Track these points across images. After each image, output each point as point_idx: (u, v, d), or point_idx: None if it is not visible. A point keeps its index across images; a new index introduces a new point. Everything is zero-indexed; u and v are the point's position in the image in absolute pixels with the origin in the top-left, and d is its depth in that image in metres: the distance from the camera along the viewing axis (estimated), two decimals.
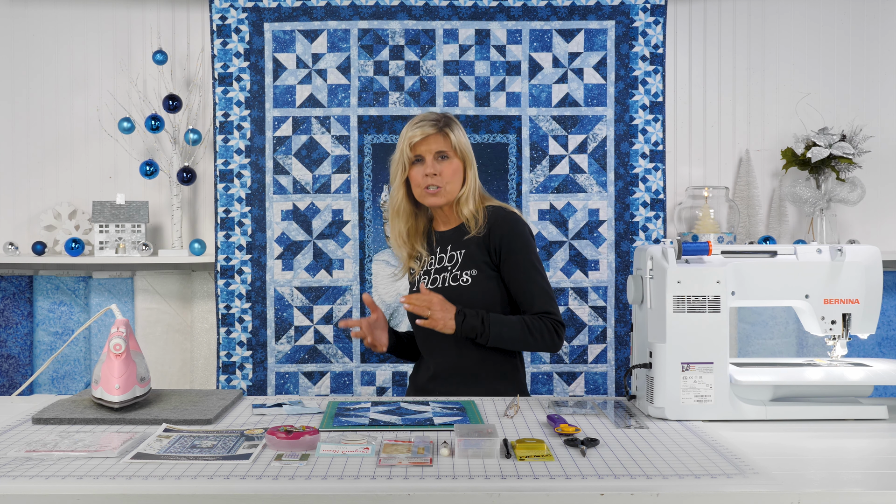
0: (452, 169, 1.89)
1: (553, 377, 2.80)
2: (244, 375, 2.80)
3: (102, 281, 2.94)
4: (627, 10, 2.79)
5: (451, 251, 1.94)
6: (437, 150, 1.88)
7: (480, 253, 1.89)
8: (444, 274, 1.93)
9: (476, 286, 1.87)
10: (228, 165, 2.81)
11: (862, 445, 1.35)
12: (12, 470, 1.16)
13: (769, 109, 3.01)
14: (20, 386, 2.54)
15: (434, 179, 1.88)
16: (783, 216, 2.96)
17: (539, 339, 1.84)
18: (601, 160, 2.80)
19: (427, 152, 1.89)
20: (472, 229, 1.90)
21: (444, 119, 1.92)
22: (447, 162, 1.89)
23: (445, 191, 1.89)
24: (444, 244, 1.96)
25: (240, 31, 2.80)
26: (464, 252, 1.91)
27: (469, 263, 1.89)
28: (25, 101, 2.98)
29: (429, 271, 1.97)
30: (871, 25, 3.00)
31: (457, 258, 1.92)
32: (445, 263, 1.94)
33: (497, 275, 1.90)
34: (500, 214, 1.91)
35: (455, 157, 1.90)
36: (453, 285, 1.89)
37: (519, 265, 1.88)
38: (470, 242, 1.91)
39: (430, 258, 1.98)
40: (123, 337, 1.51)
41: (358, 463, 1.19)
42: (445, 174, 1.88)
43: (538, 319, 1.85)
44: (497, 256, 1.89)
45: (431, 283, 1.94)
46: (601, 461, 1.21)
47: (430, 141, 1.89)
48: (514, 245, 1.88)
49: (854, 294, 1.57)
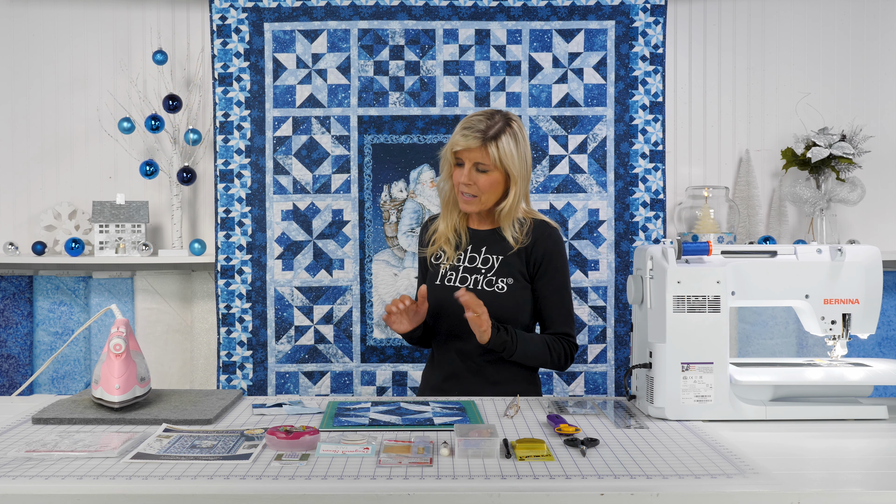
0: (490, 182, 1.85)
1: (553, 377, 2.80)
2: (244, 375, 2.80)
3: (102, 281, 2.94)
4: (627, 10, 2.79)
5: (487, 254, 1.91)
6: (476, 161, 1.84)
7: (519, 262, 1.88)
8: (476, 276, 1.89)
9: (510, 295, 1.86)
10: (228, 165, 2.80)
11: (862, 445, 1.36)
12: (12, 470, 1.16)
13: (769, 109, 3.01)
14: (20, 386, 2.54)
15: (469, 188, 1.85)
16: (783, 216, 2.96)
17: (556, 359, 1.87)
18: (601, 160, 2.80)
19: (468, 160, 1.85)
20: (513, 244, 1.87)
21: (495, 128, 1.82)
22: (486, 175, 1.84)
23: (480, 201, 1.87)
24: (478, 243, 1.93)
25: (240, 31, 2.80)
26: (501, 258, 1.89)
27: (505, 271, 1.87)
28: (25, 101, 2.98)
29: (457, 267, 1.92)
30: (871, 25, 3.00)
31: (493, 262, 1.89)
32: (478, 265, 1.90)
33: (530, 286, 1.89)
34: (546, 229, 1.90)
35: (495, 171, 1.84)
36: (487, 290, 1.86)
37: (555, 283, 1.88)
38: (510, 249, 1.89)
39: (458, 254, 1.93)
40: (123, 337, 1.51)
41: (358, 463, 1.19)
42: (481, 185, 1.85)
43: (558, 341, 1.87)
44: (535, 269, 1.88)
45: (461, 282, 1.90)
46: (601, 461, 1.21)
47: (473, 152, 1.83)
48: (555, 262, 1.88)
49: (854, 294, 1.57)
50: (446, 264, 1.94)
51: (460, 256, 1.93)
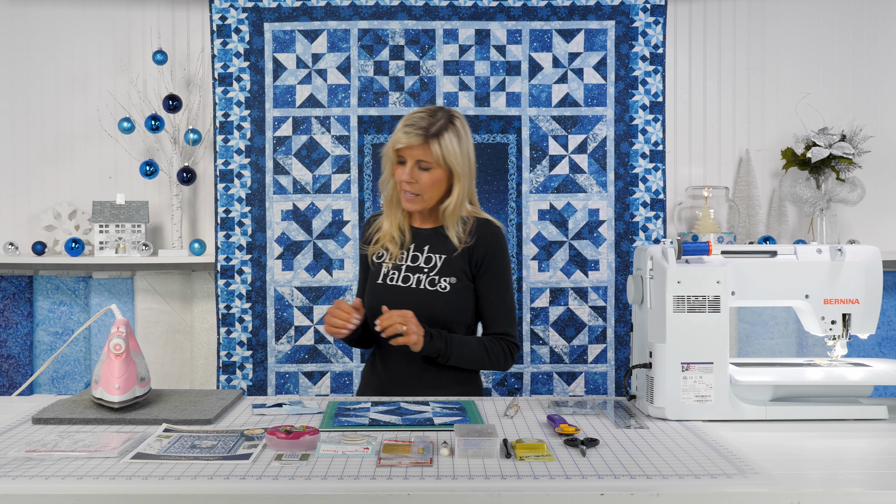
0: (433, 180, 1.83)
1: (553, 377, 2.80)
2: (244, 375, 2.80)
3: (102, 281, 2.94)
4: (627, 10, 2.79)
5: (430, 253, 1.89)
6: (418, 159, 1.82)
7: (462, 262, 1.87)
8: (419, 275, 1.87)
9: (453, 295, 1.85)
10: (228, 165, 2.80)
11: (862, 445, 1.36)
12: (12, 470, 1.16)
13: (769, 109, 3.01)
14: (20, 386, 2.54)
15: (411, 186, 1.83)
16: (783, 216, 2.96)
17: (494, 360, 1.86)
18: (601, 160, 2.80)
19: (409, 157, 1.83)
20: (456, 244, 1.86)
21: (437, 125, 1.81)
22: (428, 173, 1.83)
23: (423, 199, 1.85)
24: (420, 242, 1.91)
25: (240, 31, 2.80)
26: (444, 257, 1.87)
27: (449, 270, 1.86)
28: (25, 101, 2.98)
29: (399, 267, 1.90)
30: (871, 25, 3.00)
31: (436, 262, 1.88)
32: (421, 264, 1.89)
33: (473, 286, 1.88)
34: (490, 227, 1.90)
35: (438, 169, 1.83)
36: (430, 289, 1.85)
37: (496, 282, 1.88)
38: (453, 248, 1.88)
39: (401, 253, 1.91)
40: (123, 337, 1.51)
41: (358, 463, 1.19)
42: (423, 183, 1.83)
43: (497, 341, 1.86)
44: (477, 268, 1.87)
45: (404, 280, 1.88)
46: (601, 461, 1.21)
47: (414, 149, 1.82)
48: (496, 261, 1.87)
49: (854, 294, 1.57)
50: (389, 263, 1.91)
51: (403, 255, 1.91)
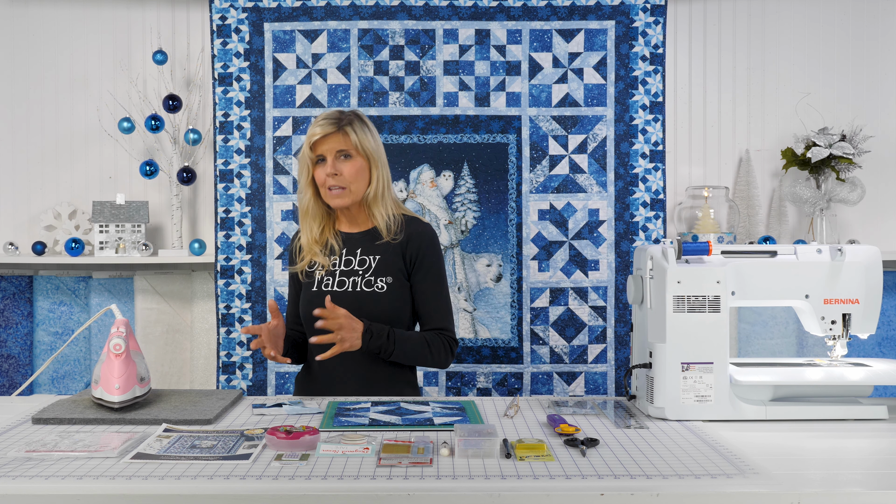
0: (356, 168, 1.85)
1: (553, 377, 2.80)
2: (244, 375, 2.80)
3: (102, 281, 2.94)
4: (627, 10, 2.79)
5: (363, 255, 1.89)
6: (337, 150, 1.83)
7: (396, 260, 1.88)
8: (354, 278, 1.87)
9: (391, 294, 1.85)
10: (228, 165, 2.80)
11: (862, 445, 1.35)
12: (12, 470, 1.16)
13: (769, 109, 3.01)
14: (20, 386, 2.54)
15: (336, 180, 1.84)
16: (783, 216, 2.96)
17: (435, 356, 1.86)
18: (601, 160, 2.80)
19: (328, 151, 1.84)
20: (385, 235, 1.88)
21: (346, 117, 1.86)
22: (349, 161, 1.84)
23: (350, 191, 1.85)
24: (352, 246, 1.91)
25: (240, 31, 2.80)
26: (378, 258, 1.88)
27: (384, 270, 1.87)
28: (25, 101, 2.98)
29: (333, 272, 1.89)
30: (871, 25, 3.00)
31: (370, 263, 1.88)
32: (355, 267, 1.89)
33: (408, 284, 1.89)
34: (419, 225, 1.91)
35: (358, 156, 1.85)
36: (367, 291, 1.85)
37: (431, 278, 1.89)
38: (385, 248, 1.88)
39: (332, 259, 1.91)
40: (123, 337, 1.51)
41: (358, 463, 1.19)
42: (347, 174, 1.84)
43: (437, 336, 1.87)
44: (412, 265, 1.88)
45: (339, 285, 1.87)
46: (601, 461, 1.21)
47: (330, 140, 1.83)
48: (429, 258, 1.89)
49: (854, 294, 1.57)
50: (322, 271, 1.91)
51: (335, 262, 1.90)
